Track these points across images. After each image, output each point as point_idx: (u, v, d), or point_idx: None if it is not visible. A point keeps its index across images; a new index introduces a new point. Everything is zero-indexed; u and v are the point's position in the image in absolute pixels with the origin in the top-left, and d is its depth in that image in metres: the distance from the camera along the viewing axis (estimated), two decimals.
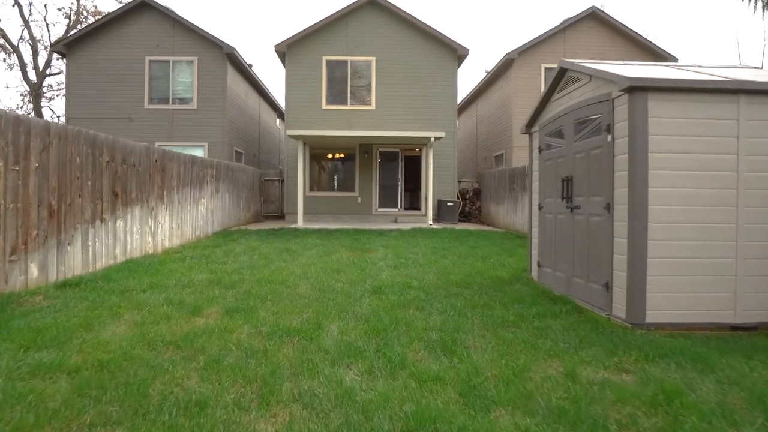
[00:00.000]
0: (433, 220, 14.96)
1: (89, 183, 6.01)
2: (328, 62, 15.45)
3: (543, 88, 15.97)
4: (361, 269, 6.65)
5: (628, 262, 4.04)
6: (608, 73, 4.35)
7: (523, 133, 6.57)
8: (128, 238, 7.05)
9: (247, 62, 18.04)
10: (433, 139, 12.22)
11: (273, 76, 66.76)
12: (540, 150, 5.99)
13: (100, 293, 4.76)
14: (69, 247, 5.55)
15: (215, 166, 11.33)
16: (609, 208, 4.36)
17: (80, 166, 5.78)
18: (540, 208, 5.96)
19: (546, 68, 16.09)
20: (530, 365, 3.09)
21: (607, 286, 4.36)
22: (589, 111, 4.77)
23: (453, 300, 4.83)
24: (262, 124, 21.40)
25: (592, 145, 4.70)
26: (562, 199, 5.22)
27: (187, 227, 9.52)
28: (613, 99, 4.32)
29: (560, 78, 5.51)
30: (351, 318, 4.12)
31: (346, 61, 15.46)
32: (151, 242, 7.82)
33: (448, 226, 13.73)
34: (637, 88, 3.97)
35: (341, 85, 15.51)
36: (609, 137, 4.37)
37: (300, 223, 12.51)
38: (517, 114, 16.04)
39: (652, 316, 3.98)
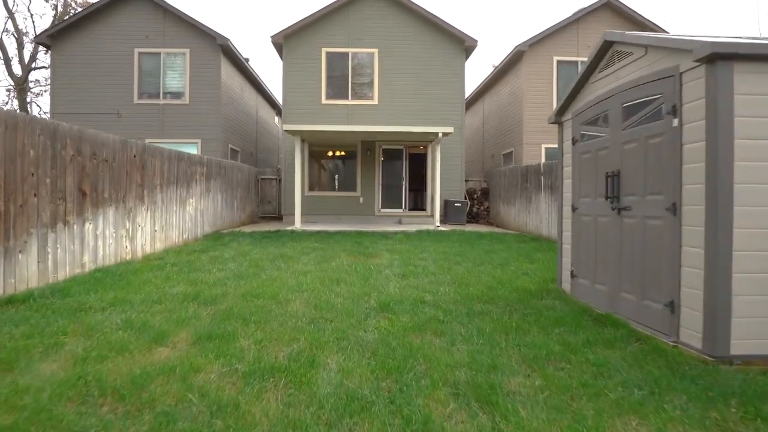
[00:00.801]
0: (440, 221, 14.11)
1: (48, 180, 5.15)
2: (328, 54, 14.60)
3: (556, 82, 15.14)
4: (364, 279, 5.79)
5: (706, 278, 3.18)
6: (676, 40, 3.48)
7: (552, 123, 5.71)
8: (100, 243, 6.20)
9: (244, 56, 17.21)
10: (441, 135, 11.37)
11: (271, 73, 65.95)
12: (574, 141, 5.13)
13: (47, 313, 3.90)
14: (20, 256, 4.70)
15: (205, 163, 10.48)
16: (674, 209, 3.49)
17: (35, 160, 4.93)
18: (573, 209, 5.10)
19: (558, 61, 15.24)
20: (604, 428, 2.23)
21: (672, 307, 3.49)
22: (644, 91, 3.90)
23: (478, 321, 3.97)
24: (259, 122, 20.56)
25: (648, 133, 3.83)
26: (606, 198, 4.35)
27: (172, 230, 8.66)
28: (681, 73, 3.46)
29: (603, 54, 4.64)
30: (354, 349, 3.25)
31: (347, 54, 14.61)
32: (128, 247, 6.97)
33: (457, 227, 12.87)
34: (721, 56, 3.10)
35: (342, 78, 14.66)
36: (675, 121, 3.51)
37: (297, 224, 11.66)
38: (528, 109, 15.18)
39: (738, 347, 3.12)
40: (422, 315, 4.12)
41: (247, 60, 17.87)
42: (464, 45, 14.62)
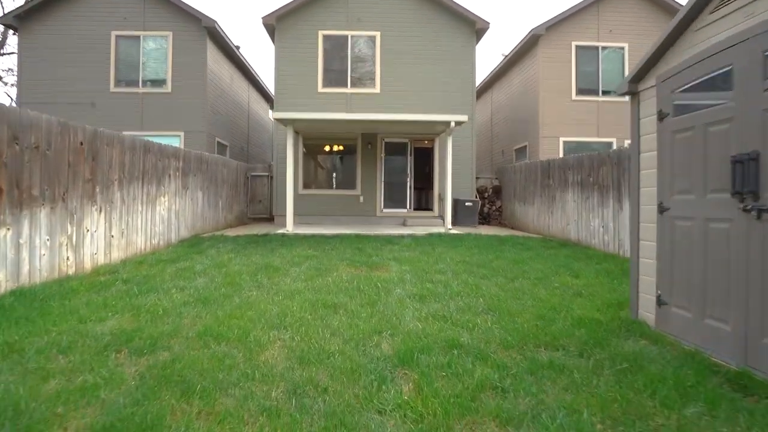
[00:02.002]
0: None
1: None
2: (325, 38, 13.15)
3: (575, 69, 13.73)
4: (370, 304, 4.37)
5: None
6: None
7: (623, 93, 4.27)
8: (24, 254, 4.75)
9: (234, 43, 15.76)
10: (453, 125, 9.94)
11: (265, 64, 63.99)
12: (661, 117, 3.70)
13: None
14: None
15: (182, 156, 9.03)
16: None
17: None
18: (662, 210, 3.68)
19: (578, 46, 13.82)
20: None
21: None
22: None
23: (555, 388, 2.55)
24: (251, 115, 19.11)
25: None
26: (734, 194, 2.94)
27: (137, 234, 7.22)
28: None
29: None
30: None
31: (345, 37, 13.17)
32: (71, 258, 5.52)
33: (470, 230, 11.45)
34: None
35: (340, 64, 13.22)
36: None
37: (289, 227, 10.22)
38: (544, 99, 13.76)
39: None
40: (466, 376, 2.69)
41: (237, 47, 16.41)
42: (475, 27, 13.20)
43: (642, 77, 4.00)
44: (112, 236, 6.48)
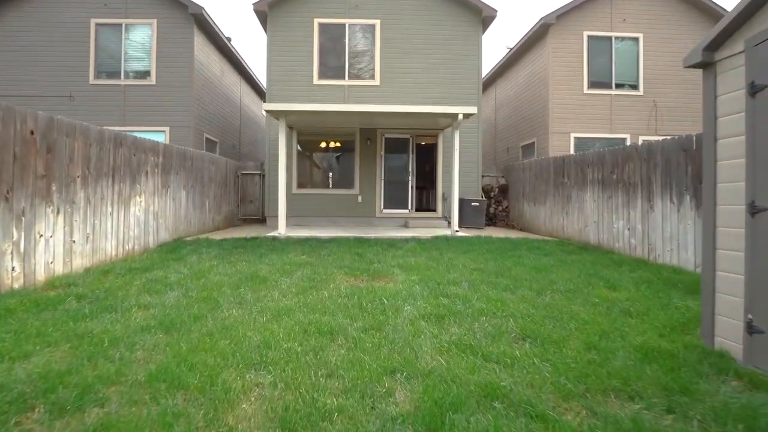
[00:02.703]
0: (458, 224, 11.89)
1: None
2: (321, 26, 12.29)
3: (587, 61, 12.94)
4: (376, 328, 3.52)
5: None
6: None
7: (693, 65, 3.42)
8: None
9: (225, 35, 14.88)
10: (461, 117, 9.09)
11: (260, 59, 62.68)
12: (753, 90, 2.87)
13: None
14: None
15: (161, 151, 8.15)
16: None
17: None
18: (756, 210, 2.85)
19: (590, 36, 13.02)
20: None
21: None
22: None
23: None
24: (244, 111, 18.22)
25: None
26: None
27: (106, 240, 6.33)
28: None
29: None
30: None
31: (343, 25, 12.32)
32: (17, 268, 4.64)
33: (477, 233, 10.63)
34: None
35: (337, 54, 12.36)
36: None
37: (282, 229, 9.35)
38: (554, 92, 12.95)
39: None
40: None
41: (228, 39, 15.53)
42: (481, 15, 12.38)
43: (721, 43, 3.16)
44: (74, 242, 5.59)
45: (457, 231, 9.46)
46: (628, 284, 5.14)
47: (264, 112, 9.85)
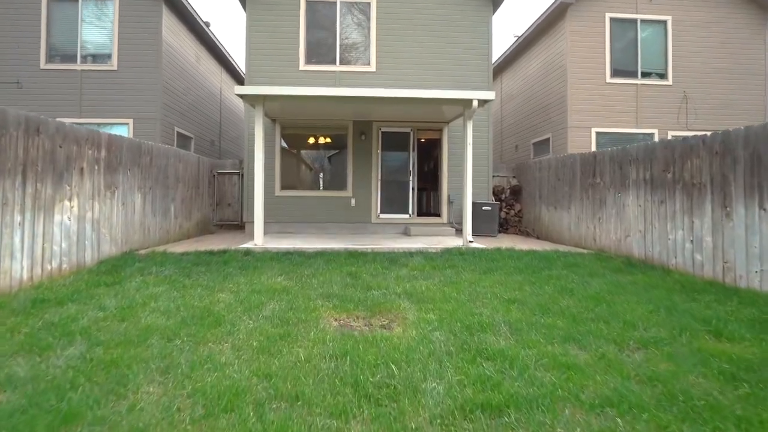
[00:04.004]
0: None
1: None
2: (309, 4, 10.68)
3: (609, 46, 11.50)
4: None
5: None
6: None
7: None
8: None
9: (202, 18, 13.25)
10: (475, 105, 7.50)
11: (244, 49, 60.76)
12: None
13: None
14: None
15: (103, 142, 6.49)
16: None
17: None
18: None
19: (612, 19, 11.54)
20: None
21: None
22: None
23: None
24: (225, 105, 16.54)
25: None
26: None
27: (12, 259, 4.68)
28: None
29: None
30: None
31: (334, 3, 10.72)
32: None
33: (492, 242, 9.08)
34: None
35: (327, 36, 10.75)
36: None
37: (258, 240, 7.71)
38: (574, 82, 11.46)
39: None
40: None
41: (207, 24, 13.89)
42: None
43: None
44: None
45: (470, 241, 7.89)
46: (738, 328, 3.59)
47: (237, 96, 8.14)
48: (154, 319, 3.76)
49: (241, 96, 7.58)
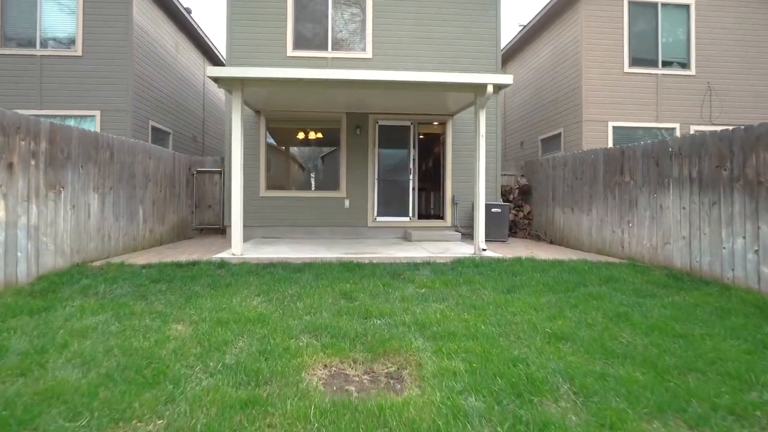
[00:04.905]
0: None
1: None
2: None
3: (627, 32, 10.51)
4: None
5: None
6: None
7: None
8: None
9: (183, 5, 12.12)
10: (490, 90, 6.41)
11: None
12: None
13: None
14: None
15: (44, 132, 5.35)
16: None
17: None
18: None
19: (630, 2, 10.54)
20: None
21: None
22: None
23: None
24: (209, 99, 15.37)
25: None
26: None
27: None
28: None
29: None
30: None
31: None
32: None
33: (505, 249, 8.04)
34: None
35: (317, 19, 9.66)
36: None
37: (236, 248, 6.59)
38: (589, 72, 10.45)
39: None
40: None
41: (188, 10, 12.76)
42: None
43: None
44: None
45: (484, 249, 6.82)
46: None
47: (214, 83, 6.97)
48: (66, 372, 2.66)
49: (216, 79, 6.45)
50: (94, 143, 6.41)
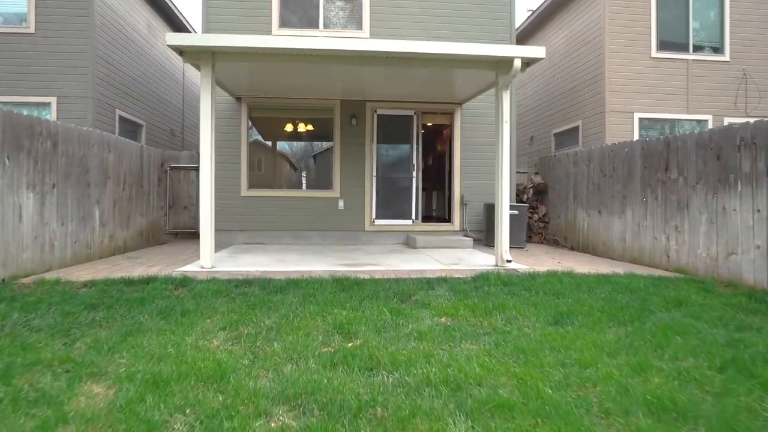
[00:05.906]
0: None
1: None
2: None
3: (655, 14, 9.42)
4: None
5: None
6: None
7: None
8: None
9: None
10: (517, 65, 5.16)
11: None
12: None
13: None
14: None
15: None
16: None
17: None
18: None
19: None
20: None
21: None
22: None
23: None
24: (189, 89, 14.06)
25: None
26: None
27: None
28: None
29: None
30: None
31: None
32: None
33: (525, 258, 6.89)
34: None
35: None
36: None
37: (206, 259, 5.36)
38: (612, 57, 9.34)
39: None
40: None
41: None
42: None
43: None
44: None
45: (508, 261, 5.67)
46: None
47: (170, 48, 5.69)
48: None
49: (179, 50, 5.22)
50: (27, 130, 5.16)
